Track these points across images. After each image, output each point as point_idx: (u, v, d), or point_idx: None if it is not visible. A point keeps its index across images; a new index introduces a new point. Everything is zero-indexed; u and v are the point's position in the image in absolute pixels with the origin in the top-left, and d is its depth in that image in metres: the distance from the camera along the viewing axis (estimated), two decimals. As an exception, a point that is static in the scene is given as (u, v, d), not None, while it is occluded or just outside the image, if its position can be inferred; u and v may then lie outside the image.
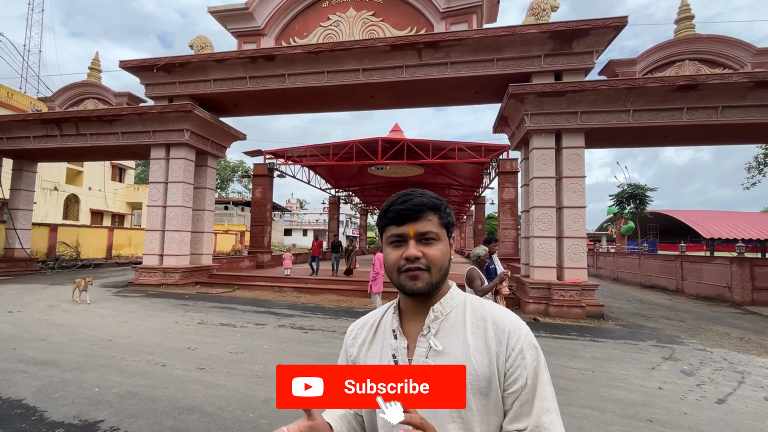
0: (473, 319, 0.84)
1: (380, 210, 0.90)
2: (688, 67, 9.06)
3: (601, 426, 3.29)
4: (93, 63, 13.39)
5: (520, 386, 0.77)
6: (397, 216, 0.84)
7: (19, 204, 14.60)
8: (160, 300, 9.27)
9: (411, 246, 0.82)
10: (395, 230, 0.84)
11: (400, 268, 0.82)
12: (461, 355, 0.79)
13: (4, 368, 4.30)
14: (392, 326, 0.87)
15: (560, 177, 9.20)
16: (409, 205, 0.83)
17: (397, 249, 0.84)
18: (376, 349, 0.88)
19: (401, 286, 0.83)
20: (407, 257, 0.81)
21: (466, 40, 9.37)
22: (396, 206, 0.84)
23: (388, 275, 0.87)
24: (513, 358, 0.78)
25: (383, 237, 0.88)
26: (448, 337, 0.82)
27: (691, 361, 5.36)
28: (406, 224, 0.83)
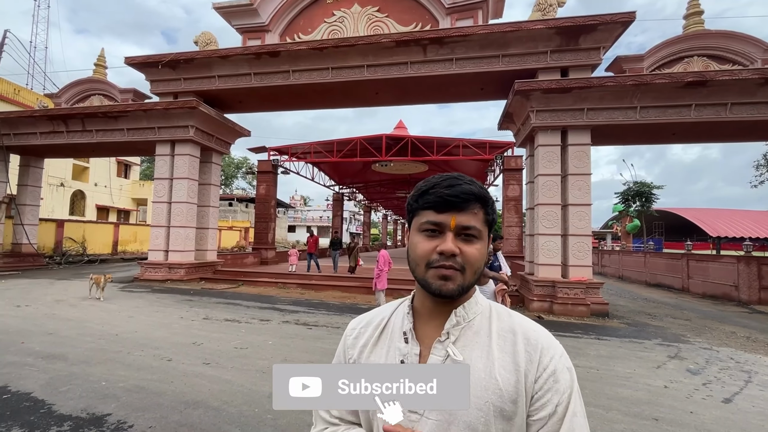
0: (500, 330, 0.74)
1: (416, 189, 0.76)
2: (696, 63, 8.95)
3: (606, 424, 3.28)
4: (98, 59, 13.44)
5: (548, 413, 0.66)
6: (439, 201, 0.71)
7: (27, 199, 14.73)
8: (166, 295, 9.33)
9: (449, 239, 0.70)
10: (433, 217, 0.72)
11: (430, 262, 0.71)
12: (484, 369, 0.69)
13: (13, 362, 4.35)
14: (403, 327, 0.77)
15: (566, 174, 9.14)
16: (457, 191, 0.71)
17: (430, 239, 0.72)
18: (381, 352, 0.77)
19: (426, 284, 0.71)
20: (442, 251, 0.70)
21: (472, 36, 9.30)
22: (440, 189, 0.72)
23: (412, 268, 0.75)
24: (544, 380, 0.68)
25: (413, 221, 0.76)
26: (470, 346, 0.72)
27: (697, 360, 5.33)
28: (448, 213, 0.71)
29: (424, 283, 0.72)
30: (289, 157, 17.97)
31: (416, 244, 0.73)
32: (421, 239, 0.73)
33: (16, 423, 2.98)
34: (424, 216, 0.73)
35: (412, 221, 0.76)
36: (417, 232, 0.74)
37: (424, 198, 0.73)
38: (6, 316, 6.61)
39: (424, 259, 0.71)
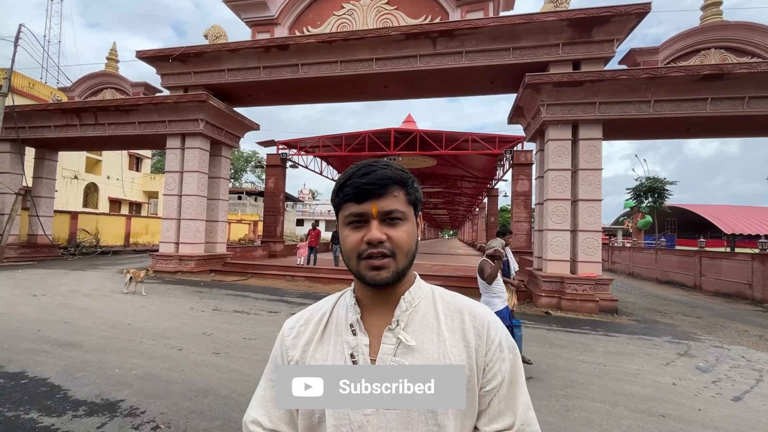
0: (446, 310, 0.75)
1: (336, 183, 0.75)
2: (713, 56, 8.72)
3: (612, 420, 3.27)
4: (110, 53, 13.59)
5: (498, 382, 0.70)
6: (357, 191, 0.70)
7: (42, 192, 15.05)
8: (176, 287, 9.50)
9: (374, 227, 0.69)
10: (354, 208, 0.71)
11: (360, 253, 0.69)
12: (437, 351, 0.70)
13: (30, 348, 4.49)
14: (349, 320, 0.75)
15: (576, 169, 9.02)
16: (373, 178, 0.70)
17: (356, 231, 0.71)
18: (326, 348, 0.74)
19: (360, 276, 0.70)
20: (369, 240, 0.69)
21: (482, 29, 9.18)
22: (355, 179, 0.71)
23: (345, 262, 0.74)
24: (493, 352, 0.71)
25: (339, 217, 0.75)
26: (420, 331, 0.72)
27: (707, 357, 5.27)
28: (368, 201, 0.70)
29: (358, 275, 0.71)
30: (297, 150, 18.04)
31: (345, 237, 0.72)
32: (348, 232, 0.71)
33: (34, 407, 3.09)
34: (346, 209, 0.72)
35: (338, 216, 0.75)
36: (343, 225, 0.73)
37: (343, 191, 0.72)
38: (23, 305, 6.80)
39: (354, 251, 0.70)
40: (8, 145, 13.80)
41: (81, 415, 2.99)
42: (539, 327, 6.70)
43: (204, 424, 2.92)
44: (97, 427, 2.82)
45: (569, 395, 3.74)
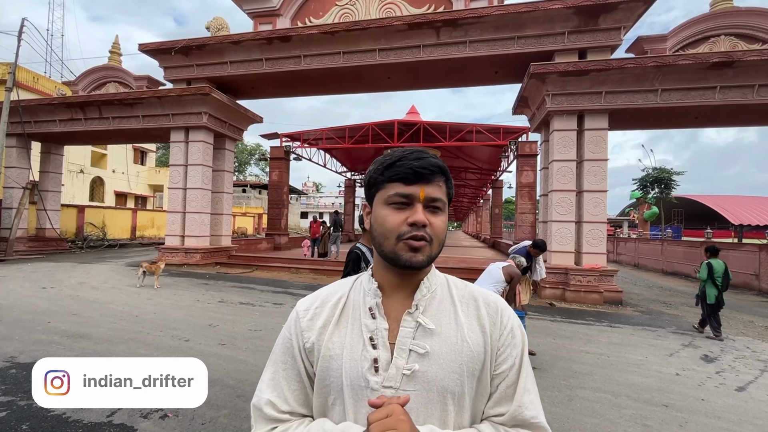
0: (461, 297, 0.78)
1: (379, 163, 0.75)
2: (723, 43, 8.55)
3: (615, 409, 3.29)
4: (113, 47, 13.57)
5: (508, 366, 0.73)
6: (409, 173, 0.71)
7: (49, 186, 15.19)
8: (183, 279, 9.60)
9: (419, 211, 0.70)
10: (402, 189, 0.71)
11: (401, 234, 0.70)
12: (455, 334, 0.72)
13: (41, 339, 4.58)
14: (367, 304, 0.75)
15: (581, 160, 8.94)
16: (425, 164, 0.71)
17: (399, 211, 0.71)
18: (344, 331, 0.74)
19: (396, 256, 0.70)
20: (415, 222, 0.69)
21: (486, 18, 9.05)
22: (409, 161, 0.71)
23: (380, 241, 0.73)
24: (505, 337, 0.74)
25: (378, 195, 0.74)
26: (438, 315, 0.74)
27: (711, 348, 5.26)
28: (417, 184, 0.71)
29: (392, 256, 0.71)
30: (301, 143, 18.00)
31: (385, 216, 0.72)
32: (389, 212, 0.71)
33: (45, 396, 3.15)
34: (391, 188, 0.72)
35: (376, 195, 0.75)
36: (384, 205, 0.73)
37: (391, 170, 0.72)
38: (33, 297, 6.92)
39: (394, 231, 0.70)
40: (14, 139, 13.91)
41: (91, 404, 3.05)
42: (543, 318, 6.71)
43: (211, 413, 2.98)
44: (107, 415, 2.88)
45: (572, 385, 3.76)
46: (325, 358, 0.72)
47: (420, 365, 0.69)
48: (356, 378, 0.70)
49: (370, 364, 0.70)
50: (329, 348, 0.73)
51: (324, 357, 0.72)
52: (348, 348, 0.72)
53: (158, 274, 8.40)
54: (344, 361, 0.71)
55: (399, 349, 0.70)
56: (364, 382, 0.69)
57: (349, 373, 0.70)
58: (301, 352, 0.75)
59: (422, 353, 0.70)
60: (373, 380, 0.69)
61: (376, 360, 0.70)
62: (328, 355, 0.72)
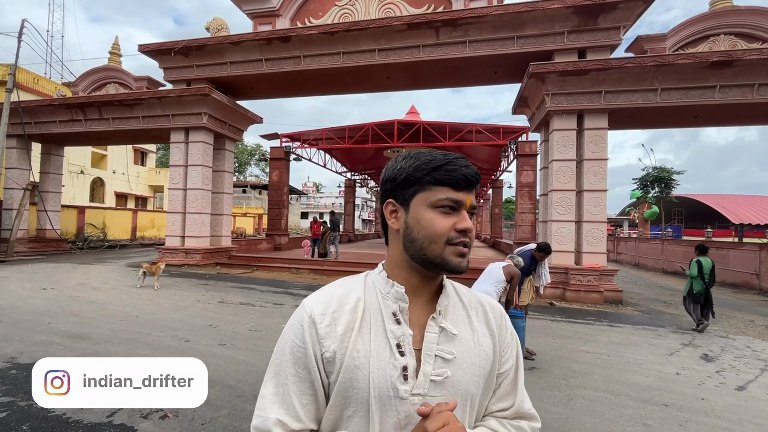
0: (469, 302, 0.79)
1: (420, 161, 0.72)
2: (723, 42, 8.55)
3: (614, 409, 3.29)
4: (113, 47, 13.58)
5: (510, 365, 0.78)
6: (462, 179, 0.70)
7: (49, 187, 15.20)
8: (183, 280, 9.60)
9: (467, 217, 0.71)
10: (452, 194, 0.70)
11: (450, 239, 0.69)
12: (471, 339, 0.74)
13: (41, 340, 4.58)
14: (389, 308, 0.72)
15: (581, 159, 8.94)
16: (474, 172, 0.71)
17: (447, 216, 0.70)
18: (366, 338, 0.70)
19: (444, 261, 0.69)
20: (465, 229, 0.70)
21: (486, 17, 9.05)
22: (460, 168, 0.70)
23: (422, 245, 0.70)
24: (507, 339, 0.79)
25: (419, 195, 0.72)
26: (454, 320, 0.75)
27: (711, 347, 5.26)
28: (465, 191, 0.71)
29: (439, 261, 0.70)
30: (301, 143, 18.01)
31: (432, 220, 0.70)
32: (436, 216, 0.70)
33: (46, 397, 3.16)
34: (440, 192, 0.70)
35: (416, 195, 0.72)
36: (429, 208, 0.70)
37: (440, 173, 0.70)
38: (33, 298, 6.92)
39: (443, 236, 0.69)
40: (15, 140, 13.92)
41: (91, 404, 3.05)
42: (543, 318, 6.71)
43: (210, 413, 2.98)
44: (107, 416, 2.88)
45: (572, 385, 3.76)
46: (349, 368, 0.67)
47: (447, 371, 0.70)
48: (384, 387, 0.67)
49: (399, 372, 0.67)
50: (354, 357, 0.68)
51: (348, 367, 0.67)
52: (375, 356, 0.68)
53: (158, 274, 8.41)
54: (371, 371, 0.67)
55: (426, 355, 0.70)
56: (393, 391, 0.67)
57: (377, 382, 0.67)
58: (318, 362, 0.68)
59: (449, 359, 0.70)
60: (403, 389, 0.67)
61: (405, 368, 0.68)
62: (353, 365, 0.67)
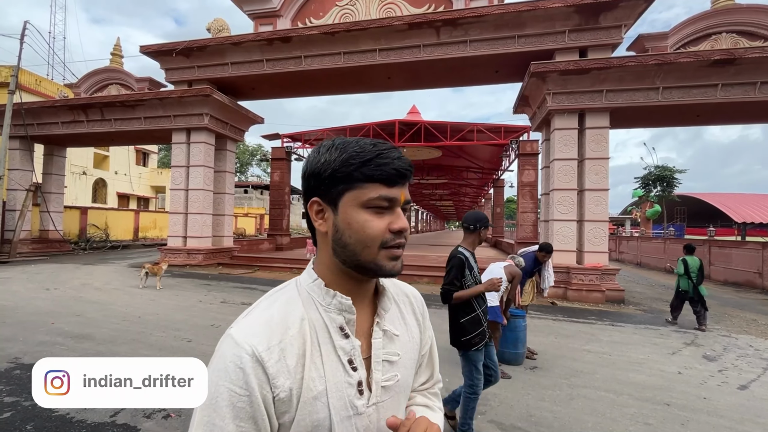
0: (396, 295, 0.77)
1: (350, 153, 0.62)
2: (725, 40, 8.52)
3: (616, 408, 3.28)
4: (115, 49, 13.63)
5: (429, 346, 0.82)
6: (394, 173, 0.62)
7: (51, 188, 15.26)
8: (185, 280, 9.63)
9: (401, 216, 0.64)
10: (385, 191, 0.62)
11: (385, 242, 0.62)
12: (407, 334, 0.74)
13: (45, 340, 4.61)
14: (335, 321, 0.64)
15: (582, 159, 8.93)
16: (406, 163, 0.63)
17: (380, 217, 0.62)
18: (319, 362, 0.62)
19: (378, 266, 0.63)
20: (401, 229, 0.63)
21: (487, 17, 9.04)
22: (392, 160, 0.62)
23: (355, 250, 0.63)
24: (426, 323, 0.81)
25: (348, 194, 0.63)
26: (392, 319, 0.72)
27: (714, 347, 5.24)
28: (398, 186, 0.63)
29: (373, 267, 0.63)
30: (302, 143, 18.02)
31: (365, 222, 0.62)
32: (369, 217, 0.62)
33: (49, 397, 3.17)
34: (372, 190, 0.62)
35: (345, 194, 0.63)
36: (360, 208, 0.62)
37: (369, 168, 0.61)
38: (37, 299, 6.95)
39: (377, 240, 0.62)
40: (18, 142, 13.98)
41: (94, 404, 3.07)
42: (545, 317, 6.71)
43: (213, 412, 2.99)
44: (111, 416, 2.90)
45: (574, 384, 3.76)
46: (307, 402, 0.59)
47: (396, 373, 0.69)
48: (344, 409, 0.62)
49: (355, 388, 0.63)
50: (311, 389, 0.60)
51: (306, 401, 0.59)
52: (331, 380, 0.61)
53: (160, 275, 8.43)
54: (330, 397, 0.61)
55: (375, 363, 0.67)
56: (353, 409, 0.62)
57: (337, 406, 0.61)
58: (269, 407, 0.57)
59: (395, 361, 0.69)
60: (360, 404, 0.63)
61: (360, 383, 0.64)
62: (311, 397, 0.59)
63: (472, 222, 2.63)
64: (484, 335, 2.59)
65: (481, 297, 2.63)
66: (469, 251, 2.62)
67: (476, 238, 2.67)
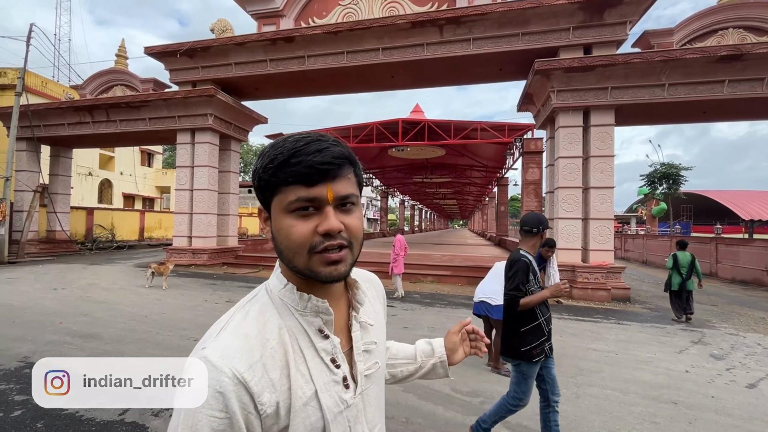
0: (363, 282, 0.76)
1: (267, 158, 0.61)
2: (731, 36, 8.43)
3: (623, 407, 3.27)
4: (119, 50, 13.72)
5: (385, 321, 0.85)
6: (310, 171, 0.58)
7: (58, 188, 15.41)
8: (190, 280, 9.69)
9: (330, 215, 0.59)
10: (304, 192, 0.58)
11: (313, 246, 0.59)
12: (378, 321, 0.77)
13: (53, 340, 4.66)
14: (313, 324, 0.64)
15: (587, 156, 8.88)
16: (328, 157, 0.59)
17: (305, 220, 0.59)
18: (303, 368, 0.61)
19: (314, 273, 0.60)
20: (328, 231, 0.58)
21: (490, 14, 9.01)
22: (306, 156, 0.58)
23: (288, 257, 0.61)
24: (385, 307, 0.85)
25: (274, 201, 0.61)
26: (364, 310, 0.73)
27: (721, 345, 5.20)
28: (322, 184, 0.59)
29: (308, 273, 0.60)
30: (305, 143, 18.02)
31: (289, 228, 0.59)
32: (292, 221, 0.59)
33: (58, 395, 3.21)
34: (290, 192, 0.59)
35: (272, 201, 0.61)
36: (284, 213, 0.60)
37: (285, 170, 0.58)
38: (45, 299, 7.03)
39: (304, 245, 0.59)
40: (24, 143, 14.12)
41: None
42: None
43: (220, 411, 3.00)
44: (119, 414, 2.93)
45: (580, 383, 3.74)
46: (299, 409, 0.59)
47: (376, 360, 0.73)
48: (335, 405, 0.63)
49: (341, 384, 0.64)
50: (300, 396, 0.59)
51: (297, 409, 0.59)
52: (318, 382, 0.62)
53: (166, 274, 8.49)
54: (321, 398, 0.61)
55: (356, 355, 0.68)
56: (343, 404, 0.64)
57: (329, 404, 0.62)
58: (251, 429, 0.55)
59: (372, 349, 0.72)
60: (348, 397, 0.65)
61: (345, 378, 0.65)
62: (302, 404, 0.59)
63: (534, 224, 2.48)
64: (543, 346, 2.39)
65: (544, 304, 2.47)
66: (531, 255, 2.49)
67: (538, 241, 2.53)
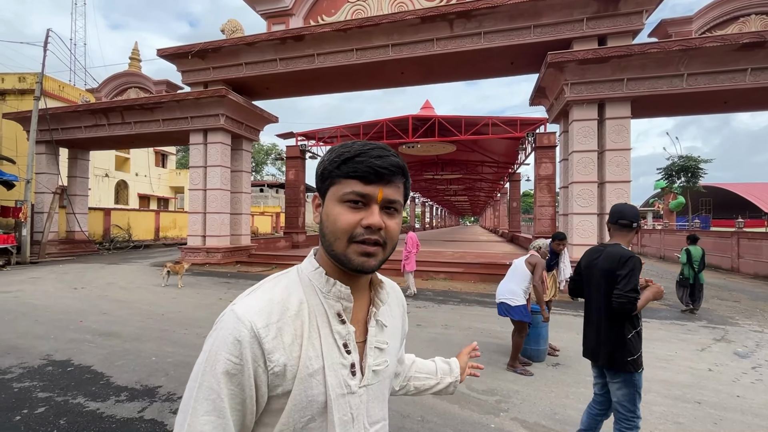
0: (386, 284, 0.84)
1: (334, 153, 0.70)
2: (754, 23, 8.14)
3: (644, 406, 3.17)
4: (133, 53, 13.95)
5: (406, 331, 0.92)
6: (369, 171, 0.66)
7: (76, 190, 15.80)
8: (205, 278, 9.83)
9: (375, 212, 0.66)
10: (360, 188, 0.66)
11: (354, 236, 0.66)
12: (393, 325, 0.82)
13: (74, 338, 4.77)
14: (333, 308, 0.70)
15: (603, 150, 8.70)
16: (387, 163, 0.67)
17: (354, 211, 0.66)
18: (317, 343, 0.67)
19: (346, 260, 0.67)
20: (370, 225, 0.65)
21: (501, 7, 8.86)
22: (370, 159, 0.66)
23: (330, 241, 0.68)
24: (405, 315, 0.90)
25: (331, 190, 0.69)
26: (383, 309, 0.79)
27: (746, 343, 5.04)
28: (376, 185, 0.67)
29: (343, 259, 0.67)
30: (316, 141, 18.11)
31: (337, 215, 0.67)
32: (343, 210, 0.67)
33: (80, 392, 3.29)
34: (348, 185, 0.67)
35: (329, 189, 0.69)
36: (337, 202, 0.67)
37: (348, 165, 0.67)
38: (66, 298, 7.21)
39: (346, 232, 0.66)
40: (44, 146, 14.48)
41: (123, 400, 3.16)
42: (566, 313, 6.58)
43: (237, 409, 3.03)
44: (138, 411, 2.98)
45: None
46: (303, 378, 0.64)
47: (386, 359, 0.76)
48: (339, 387, 0.67)
49: (348, 369, 0.69)
50: (307, 366, 0.64)
51: (302, 377, 0.64)
52: (327, 359, 0.66)
53: (181, 273, 8.63)
54: (327, 375, 0.66)
55: (369, 348, 0.73)
56: (346, 388, 0.68)
57: (333, 384, 0.66)
58: (258, 378, 0.61)
59: (384, 348, 0.76)
60: (353, 384, 0.69)
61: (353, 365, 0.70)
62: (307, 374, 0.64)
63: (635, 218, 2.22)
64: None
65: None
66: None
67: (633, 236, 2.30)
